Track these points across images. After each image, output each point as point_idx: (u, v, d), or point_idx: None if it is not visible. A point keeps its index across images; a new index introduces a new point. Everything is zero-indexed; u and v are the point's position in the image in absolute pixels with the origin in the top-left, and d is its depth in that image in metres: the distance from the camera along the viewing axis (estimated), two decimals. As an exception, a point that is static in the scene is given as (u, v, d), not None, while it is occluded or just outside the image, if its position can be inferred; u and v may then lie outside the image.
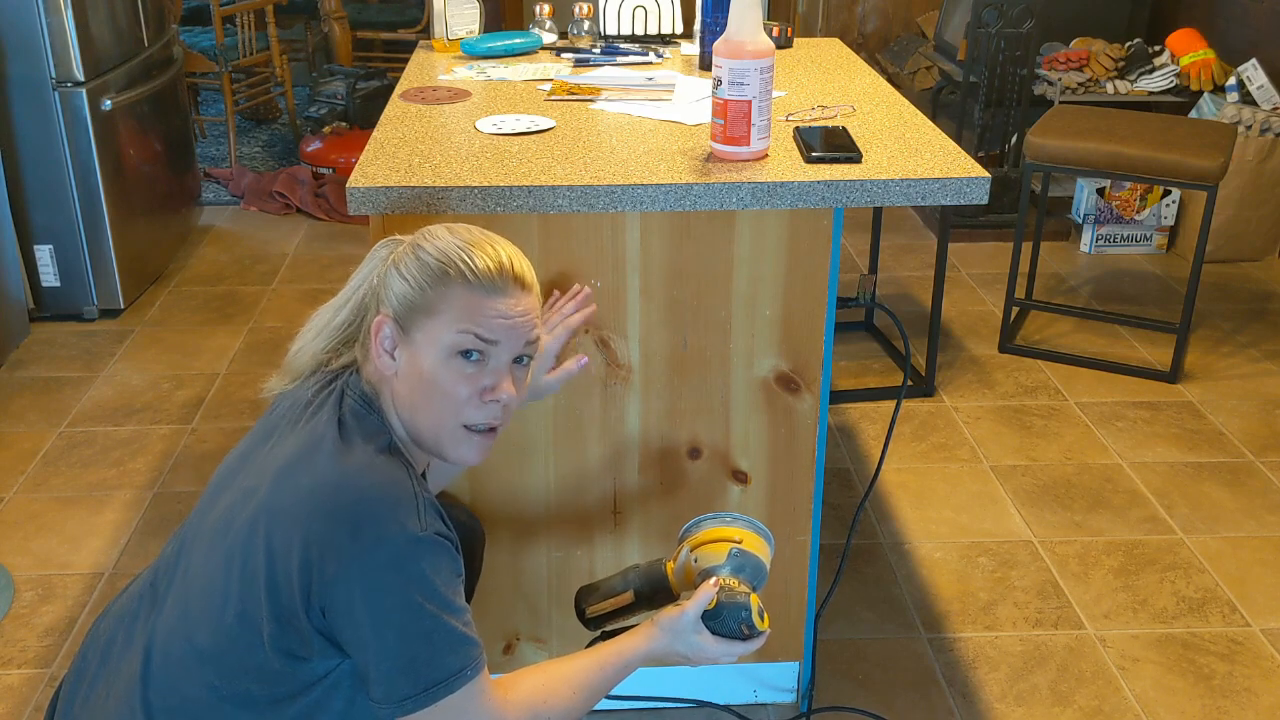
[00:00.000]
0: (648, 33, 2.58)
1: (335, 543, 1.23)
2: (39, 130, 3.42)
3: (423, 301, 1.34)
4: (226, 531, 1.32)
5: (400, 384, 1.36)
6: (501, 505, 1.92)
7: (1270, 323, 3.71)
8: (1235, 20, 4.43)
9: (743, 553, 1.48)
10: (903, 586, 2.47)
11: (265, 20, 5.26)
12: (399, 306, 1.35)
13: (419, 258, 1.35)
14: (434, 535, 1.26)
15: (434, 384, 1.34)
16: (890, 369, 3.39)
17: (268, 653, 1.27)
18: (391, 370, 1.36)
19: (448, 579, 1.27)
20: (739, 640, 1.43)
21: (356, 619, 1.24)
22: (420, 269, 1.34)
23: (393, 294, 1.36)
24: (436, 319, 1.33)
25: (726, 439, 1.90)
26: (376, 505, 1.24)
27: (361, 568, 1.22)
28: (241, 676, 1.29)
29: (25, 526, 2.65)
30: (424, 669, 1.24)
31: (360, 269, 1.43)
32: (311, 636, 1.27)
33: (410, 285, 1.34)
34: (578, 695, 1.39)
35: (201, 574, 1.32)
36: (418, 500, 1.28)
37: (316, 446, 1.30)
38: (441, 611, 1.25)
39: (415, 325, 1.34)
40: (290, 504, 1.26)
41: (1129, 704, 2.15)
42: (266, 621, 1.26)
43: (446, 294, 1.33)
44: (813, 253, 1.78)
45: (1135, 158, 3.18)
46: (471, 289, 1.33)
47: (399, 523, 1.24)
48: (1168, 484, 2.83)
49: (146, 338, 3.57)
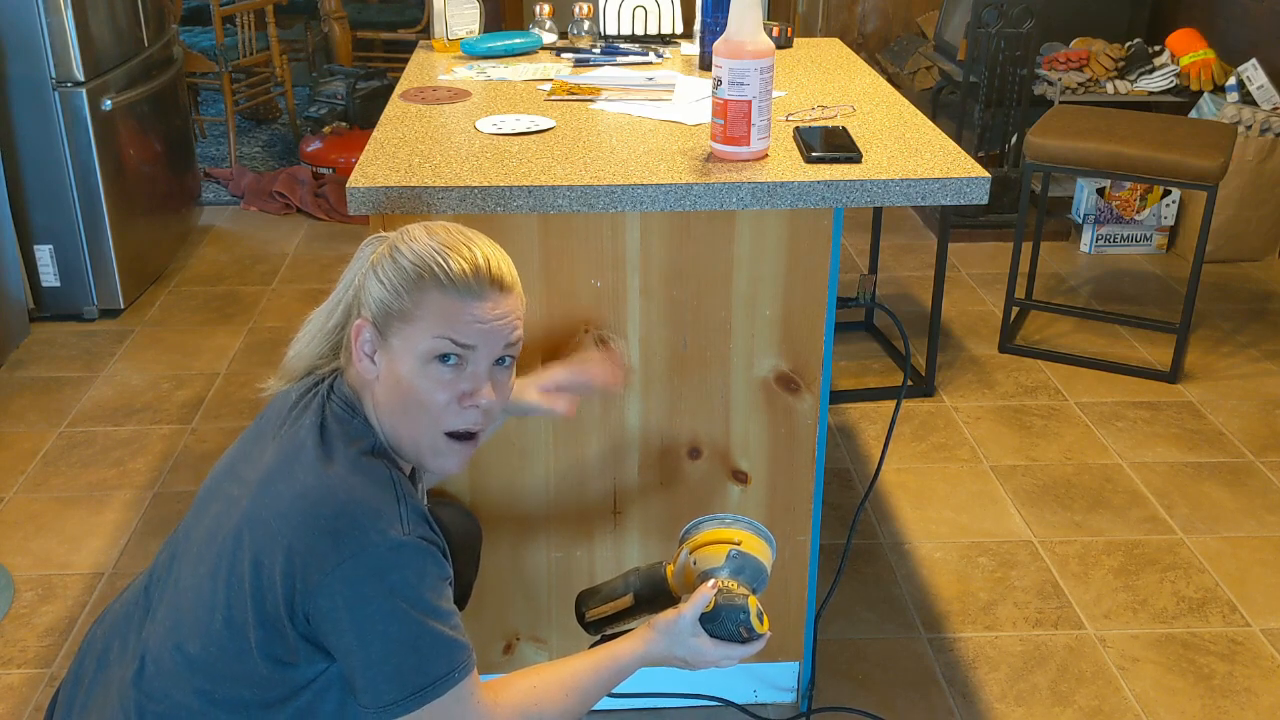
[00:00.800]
0: (648, 33, 2.58)
1: (317, 552, 1.22)
2: (39, 130, 3.42)
3: (399, 307, 1.32)
4: (213, 540, 1.31)
5: (380, 389, 1.34)
6: (501, 505, 1.92)
7: (1270, 323, 3.71)
8: (1235, 20, 4.43)
9: (741, 554, 1.47)
10: (903, 586, 2.47)
11: (265, 20, 5.26)
12: (377, 311, 1.33)
13: (396, 261, 1.33)
14: (418, 540, 1.25)
15: (412, 390, 1.32)
16: (890, 369, 3.39)
17: (256, 658, 1.27)
18: (372, 375, 1.34)
19: (433, 584, 1.26)
20: (738, 643, 1.42)
21: (341, 627, 1.23)
22: (397, 273, 1.32)
23: (371, 298, 1.34)
24: (413, 325, 1.31)
25: (726, 439, 1.90)
26: (358, 513, 1.23)
27: (344, 577, 1.21)
28: (232, 682, 1.28)
29: (25, 526, 2.65)
30: (410, 675, 1.24)
31: (348, 269, 1.42)
32: (297, 643, 1.26)
33: (387, 290, 1.32)
34: (570, 699, 1.38)
35: (191, 582, 1.32)
36: (400, 505, 1.26)
37: (298, 454, 1.29)
38: (427, 617, 1.24)
39: (392, 330, 1.32)
40: (272, 513, 1.26)
41: (1129, 704, 2.15)
42: (253, 628, 1.26)
43: (423, 299, 1.31)
44: (813, 253, 1.78)
45: (1135, 158, 3.18)
46: (447, 293, 1.30)
47: (380, 530, 1.23)
48: (1168, 484, 2.83)
49: (146, 338, 3.57)
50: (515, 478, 1.90)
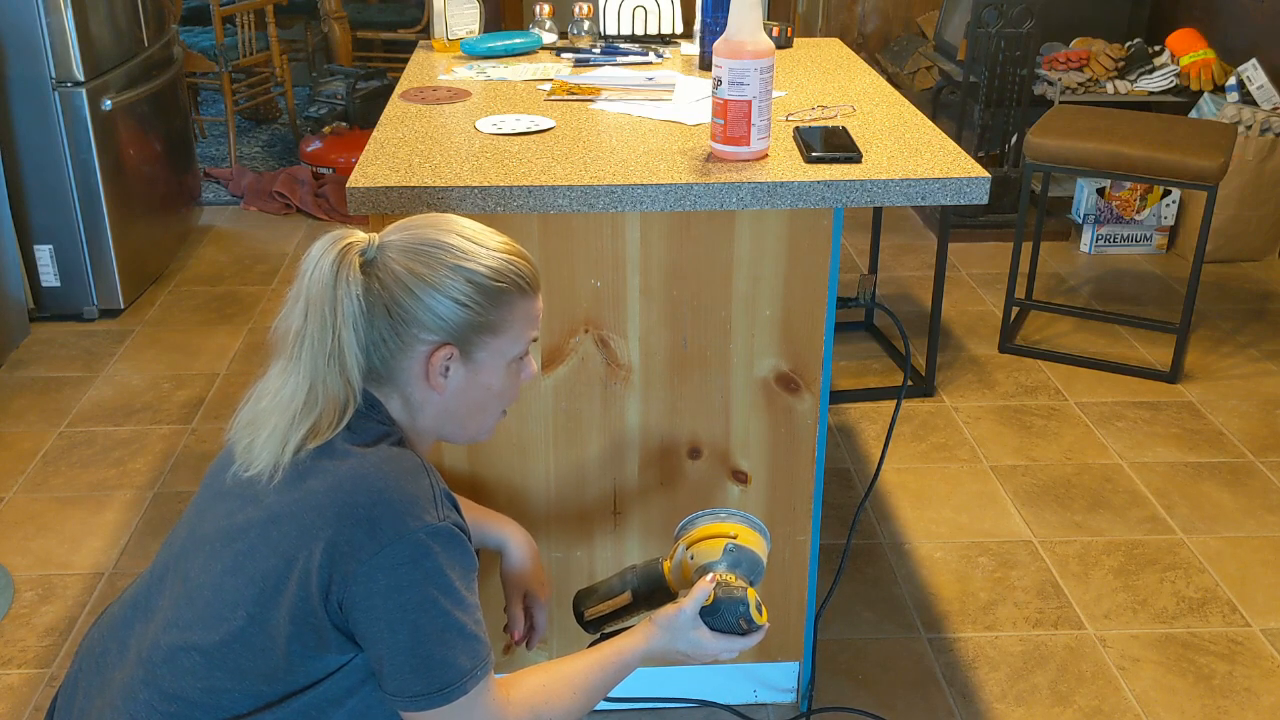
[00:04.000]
0: (648, 33, 2.58)
1: (355, 542, 1.23)
2: (39, 130, 3.42)
3: (486, 321, 1.32)
4: (229, 539, 1.31)
5: (450, 400, 1.36)
6: (501, 505, 1.92)
7: (1270, 323, 3.71)
8: (1235, 20, 4.43)
9: (739, 548, 1.48)
10: (903, 586, 2.47)
11: (265, 20, 5.26)
12: (457, 332, 1.31)
13: (468, 279, 1.30)
14: (452, 526, 1.27)
15: (495, 394, 1.38)
16: (890, 369, 3.39)
17: (280, 653, 1.27)
18: (443, 393, 1.35)
19: (462, 573, 1.28)
20: (738, 635, 1.43)
21: (375, 615, 1.24)
22: (477, 291, 1.31)
23: (442, 320, 1.30)
24: (502, 335, 1.35)
25: (726, 439, 1.90)
26: (395, 500, 1.25)
27: (381, 564, 1.23)
28: (252, 678, 1.29)
29: (25, 526, 2.65)
30: (438, 669, 1.25)
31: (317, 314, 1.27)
32: (328, 632, 1.27)
33: (471, 308, 1.31)
34: (578, 695, 1.40)
35: (205, 580, 1.32)
36: (434, 491, 1.28)
37: (324, 450, 1.30)
38: (455, 609, 1.26)
39: (477, 345, 1.34)
40: (302, 507, 1.26)
41: (1129, 704, 2.15)
42: (283, 623, 1.26)
43: (511, 308, 1.34)
44: (813, 253, 1.78)
45: (1135, 158, 3.18)
46: (526, 297, 1.36)
47: (417, 517, 1.25)
48: (1168, 484, 2.83)
49: (146, 338, 3.57)
50: (515, 477, 1.90)
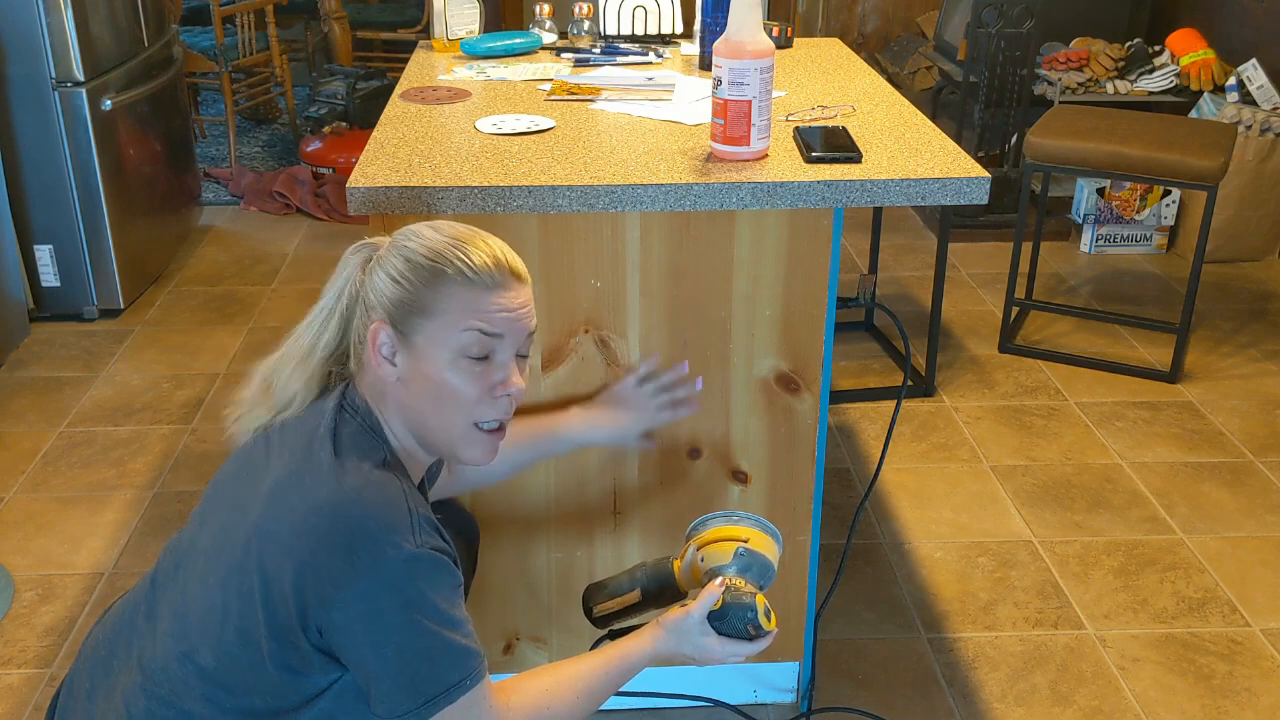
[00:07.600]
0: (648, 33, 2.58)
1: (331, 566, 1.22)
2: (39, 130, 3.42)
3: (418, 302, 1.31)
4: (220, 551, 1.31)
5: (404, 390, 1.34)
6: (502, 505, 1.92)
7: (1270, 323, 3.71)
8: (1235, 20, 4.43)
9: (749, 552, 1.47)
10: (903, 586, 2.47)
11: (265, 20, 5.26)
12: (393, 310, 1.32)
13: (408, 259, 1.32)
14: (430, 551, 1.25)
15: (444, 387, 1.32)
16: (890, 369, 3.39)
17: (269, 668, 1.27)
18: (393, 377, 1.34)
19: (446, 593, 1.26)
20: (745, 640, 1.43)
21: (355, 640, 1.24)
22: (412, 269, 1.32)
23: (383, 298, 1.33)
24: (436, 319, 1.31)
25: (726, 439, 1.90)
26: (371, 527, 1.23)
27: (358, 591, 1.22)
28: (245, 692, 1.29)
29: (25, 526, 2.65)
30: (424, 684, 1.25)
31: (334, 280, 1.39)
32: (310, 654, 1.27)
33: (403, 286, 1.32)
34: (582, 698, 1.39)
35: (199, 591, 1.32)
36: (412, 517, 1.26)
37: (310, 465, 1.29)
38: (441, 627, 1.25)
39: (413, 328, 1.32)
40: (283, 526, 1.25)
41: (1129, 704, 2.15)
42: (266, 639, 1.26)
43: (444, 293, 1.31)
44: (813, 253, 1.78)
45: (1135, 158, 3.18)
46: (471, 285, 1.31)
47: (394, 544, 1.23)
48: (1168, 484, 2.83)
49: (146, 338, 3.57)
50: (516, 478, 1.90)
